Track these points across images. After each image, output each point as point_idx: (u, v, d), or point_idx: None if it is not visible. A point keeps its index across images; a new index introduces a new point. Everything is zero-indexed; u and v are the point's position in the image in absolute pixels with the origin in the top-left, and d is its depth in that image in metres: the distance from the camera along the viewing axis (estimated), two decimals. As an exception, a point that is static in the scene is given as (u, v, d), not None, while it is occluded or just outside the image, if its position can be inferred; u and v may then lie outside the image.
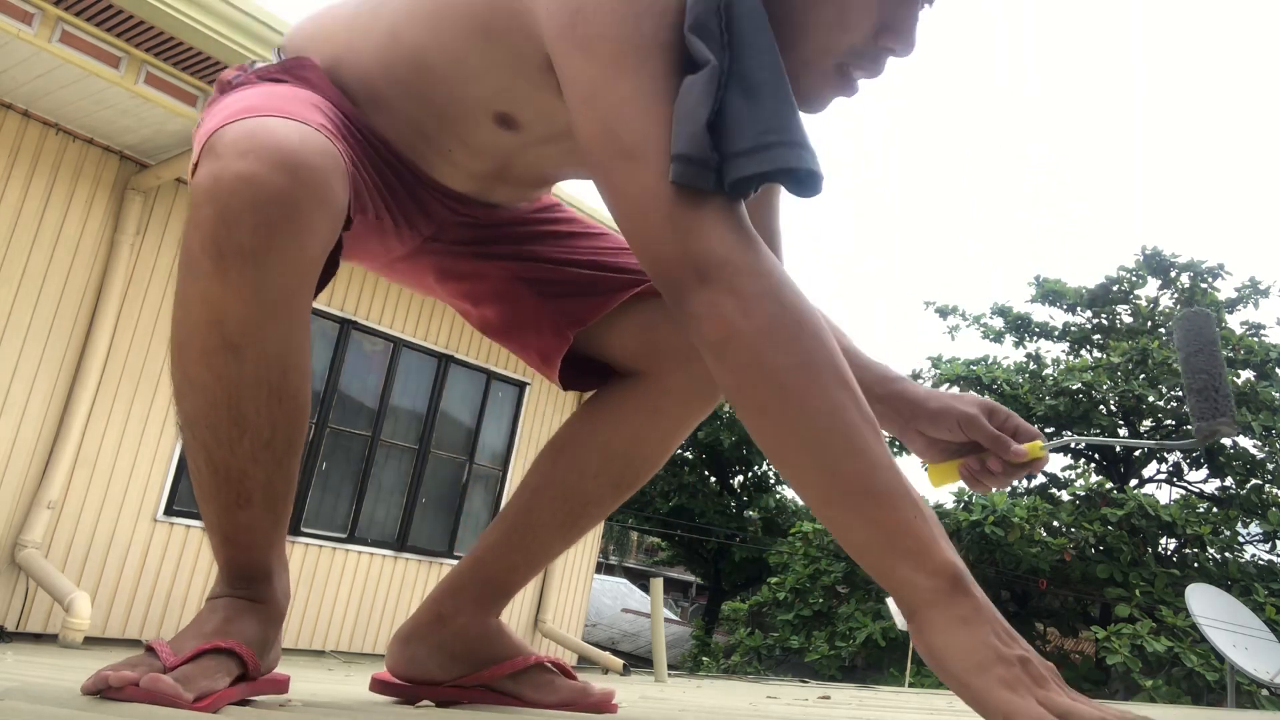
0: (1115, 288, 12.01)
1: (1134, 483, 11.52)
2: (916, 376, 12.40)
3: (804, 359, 0.70)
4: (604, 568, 18.44)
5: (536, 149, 0.97)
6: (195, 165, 0.76)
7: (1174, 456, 11.44)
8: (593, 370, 1.07)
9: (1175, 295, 11.82)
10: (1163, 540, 10.25)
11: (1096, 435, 11.37)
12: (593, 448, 1.06)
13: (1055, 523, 9.76)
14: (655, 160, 0.73)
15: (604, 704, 1.09)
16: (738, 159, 0.74)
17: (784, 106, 0.76)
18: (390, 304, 5.14)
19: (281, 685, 0.91)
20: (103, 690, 0.75)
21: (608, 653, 6.24)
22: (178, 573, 4.15)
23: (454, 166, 0.99)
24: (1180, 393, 10.67)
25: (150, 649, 0.80)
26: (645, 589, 11.99)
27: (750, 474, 15.07)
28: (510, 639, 1.10)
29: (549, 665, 1.11)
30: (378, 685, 1.13)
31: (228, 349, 0.76)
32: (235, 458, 0.80)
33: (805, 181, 0.76)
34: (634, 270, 1.05)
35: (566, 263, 1.07)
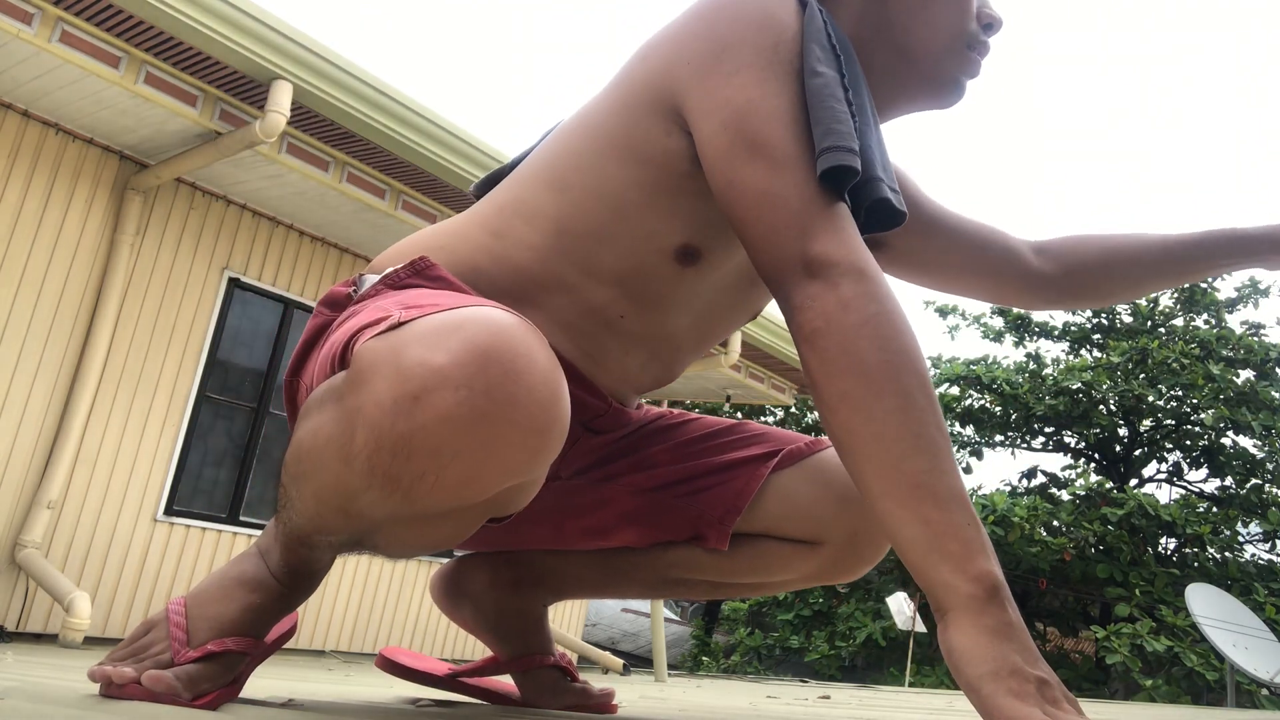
0: (1115, 287, 12.00)
1: (1134, 482, 11.52)
2: (916, 376, 12.39)
3: (892, 358, 0.72)
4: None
5: (715, 291, 0.94)
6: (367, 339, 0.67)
7: (1174, 456, 11.44)
8: None
9: (1175, 295, 11.82)
10: (1163, 540, 10.25)
11: (1097, 434, 11.37)
12: (713, 562, 1.05)
13: (1055, 522, 9.76)
14: (794, 164, 0.77)
15: (604, 704, 1.09)
16: (877, 183, 0.80)
17: (882, 147, 0.85)
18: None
19: (289, 633, 0.89)
20: (104, 686, 0.76)
21: (608, 653, 6.24)
22: (178, 573, 4.15)
23: (618, 340, 0.93)
24: (1180, 392, 10.67)
25: (167, 620, 0.79)
26: (645, 589, 11.95)
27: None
28: (545, 631, 1.11)
29: (562, 667, 1.11)
30: (384, 663, 1.12)
31: (341, 514, 0.72)
32: (314, 539, 0.79)
33: (888, 220, 0.83)
34: (770, 443, 1.04)
35: (694, 456, 1.04)
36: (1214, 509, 10.45)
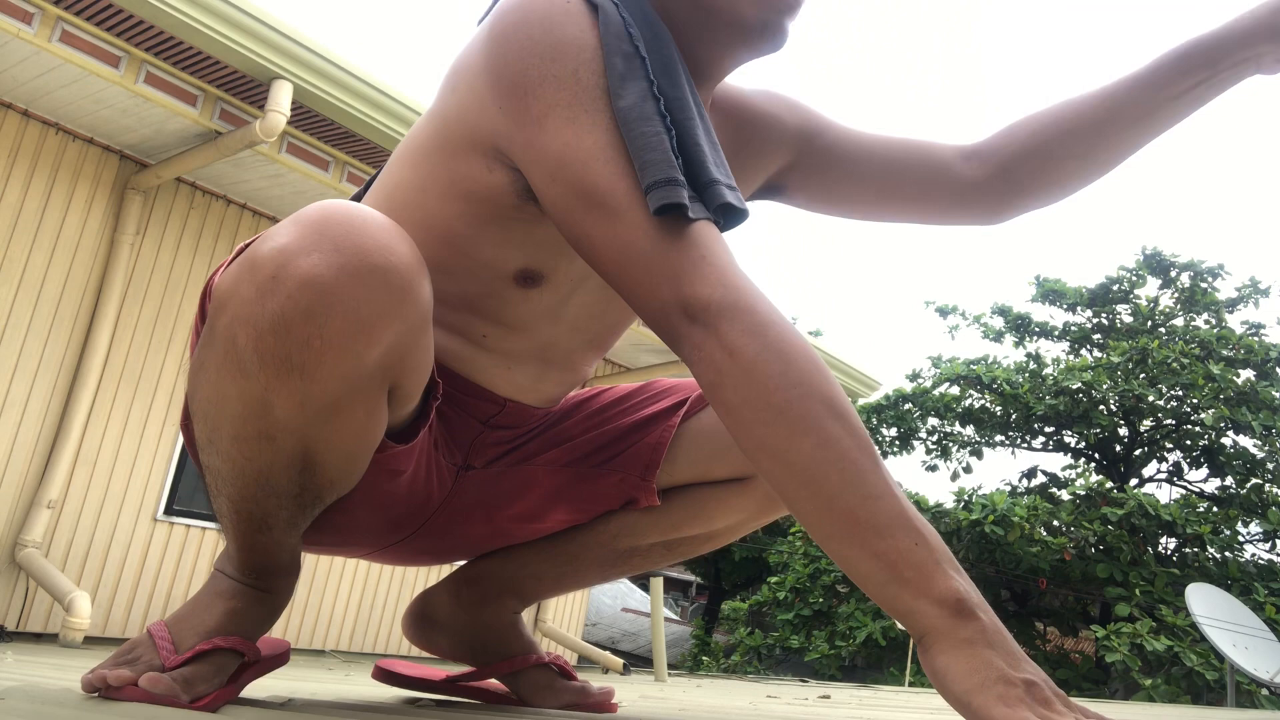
0: (1115, 287, 12.00)
1: (1134, 482, 11.52)
2: (916, 376, 12.40)
3: (792, 392, 0.69)
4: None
5: (581, 299, 0.92)
6: (244, 246, 0.72)
7: (1174, 455, 11.44)
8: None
9: (1175, 295, 11.82)
10: (1163, 540, 10.24)
11: (1098, 434, 11.37)
12: (653, 521, 1.05)
13: (1055, 522, 9.75)
14: (630, 209, 0.72)
15: (604, 704, 1.09)
16: (713, 186, 0.74)
17: (710, 138, 0.78)
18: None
19: (283, 657, 0.91)
20: (101, 689, 0.75)
21: (608, 652, 6.24)
22: (178, 572, 4.15)
23: (494, 357, 0.93)
24: (1180, 392, 10.67)
25: (150, 637, 0.80)
26: (645, 588, 11.99)
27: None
28: (523, 634, 1.10)
29: (552, 666, 1.11)
30: (380, 674, 1.13)
31: (263, 438, 0.73)
32: (259, 508, 0.79)
33: (733, 220, 0.77)
34: (679, 393, 1.04)
35: (606, 422, 1.04)
36: (1214, 509, 10.44)
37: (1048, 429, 12.03)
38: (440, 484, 0.97)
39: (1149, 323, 11.77)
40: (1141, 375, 10.76)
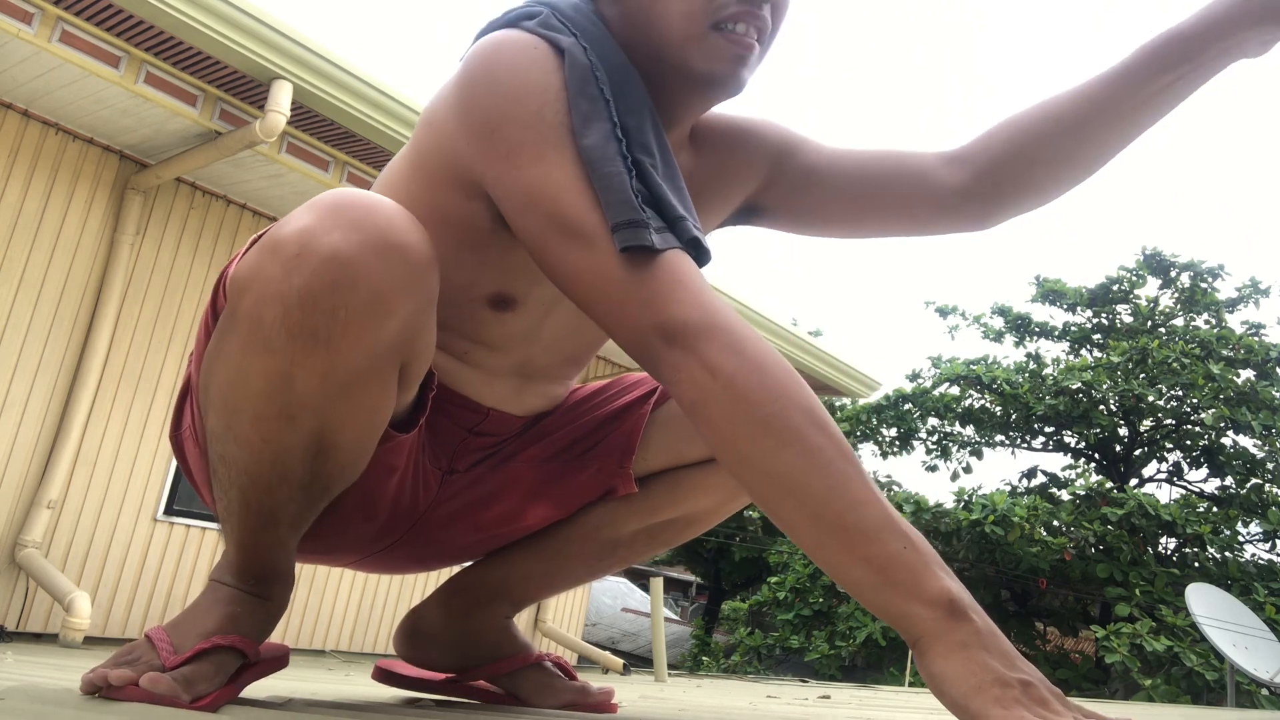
0: (1115, 287, 12.01)
1: (1134, 482, 11.52)
2: (916, 376, 12.40)
3: (773, 408, 0.70)
4: (604, 567, 18.37)
5: (549, 324, 0.95)
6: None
7: (1174, 455, 11.44)
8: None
9: (1175, 295, 11.82)
10: (1163, 540, 10.25)
11: (1098, 434, 11.37)
12: (634, 509, 1.05)
13: (1055, 522, 9.75)
14: (603, 238, 0.74)
15: (604, 704, 1.09)
16: (682, 222, 0.77)
17: (675, 178, 0.81)
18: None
19: (282, 660, 0.91)
20: (102, 688, 0.75)
21: (608, 652, 6.24)
22: (178, 572, 4.15)
23: (476, 371, 0.96)
24: (1180, 392, 10.67)
25: (149, 640, 0.80)
26: (645, 588, 11.99)
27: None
28: (516, 637, 1.10)
29: (550, 665, 1.11)
30: (380, 674, 1.13)
31: (283, 418, 0.75)
32: (270, 498, 0.80)
33: (702, 262, 0.79)
34: (649, 383, 1.06)
35: (581, 416, 1.05)
36: (1214, 509, 10.44)
37: (1048, 429, 12.03)
38: (425, 488, 0.99)
39: (1149, 323, 11.77)
40: (1141, 375, 10.76)
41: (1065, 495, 10.82)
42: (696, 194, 0.97)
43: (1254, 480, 10.63)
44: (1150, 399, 10.81)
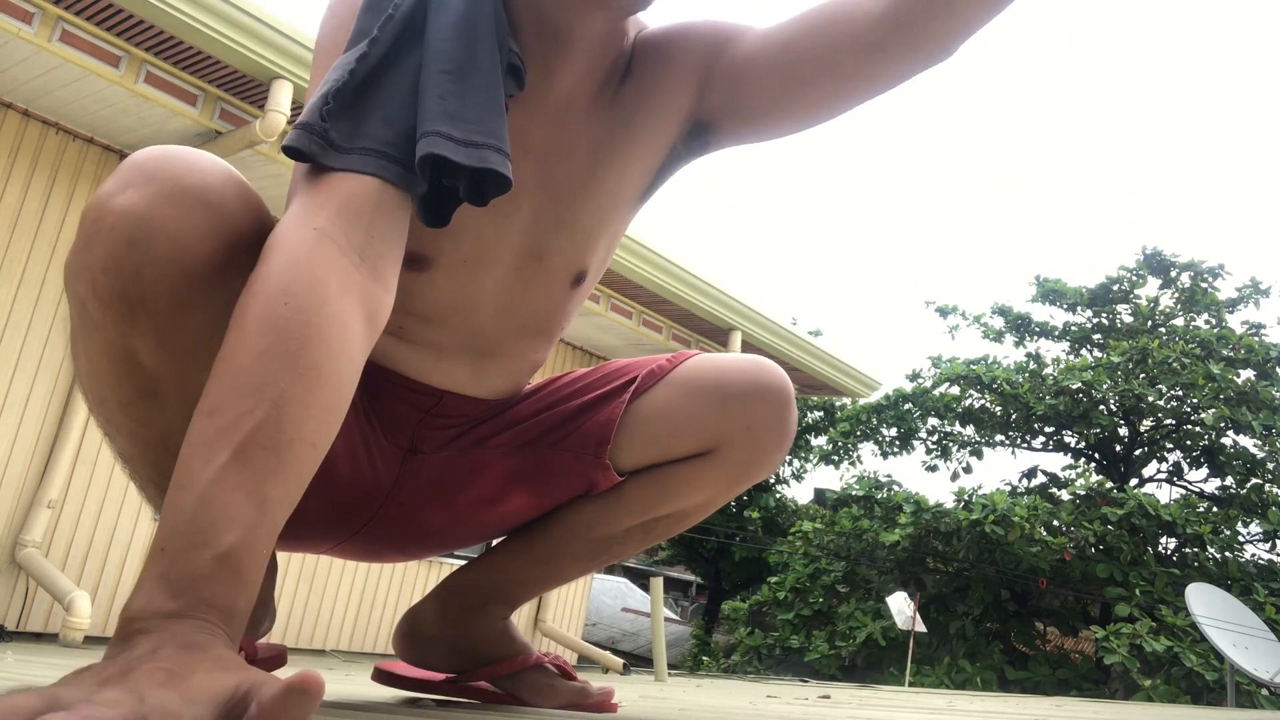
0: (1115, 287, 12.01)
1: (1134, 482, 11.52)
2: (916, 376, 12.40)
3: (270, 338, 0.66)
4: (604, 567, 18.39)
5: (483, 287, 0.90)
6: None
7: (1174, 455, 11.44)
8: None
9: (1175, 295, 11.82)
10: (1163, 540, 10.25)
11: (1098, 434, 11.37)
12: (624, 504, 1.03)
13: (1055, 522, 9.75)
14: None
15: (604, 704, 1.09)
16: (428, 136, 0.71)
17: (490, 105, 0.75)
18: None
19: (280, 659, 0.91)
20: None
21: (608, 652, 6.24)
22: (178, 572, 4.15)
23: (419, 349, 0.92)
24: (1180, 392, 10.67)
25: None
26: (645, 588, 11.99)
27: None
28: (515, 638, 1.10)
29: (549, 666, 1.10)
30: (380, 676, 1.13)
31: (148, 396, 0.72)
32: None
33: (486, 189, 0.75)
34: (630, 371, 1.03)
35: (557, 404, 1.02)
36: (1214, 509, 10.44)
37: (1048, 429, 12.03)
38: (386, 467, 0.97)
39: (1149, 323, 11.77)
40: (1141, 375, 10.76)
41: (1065, 495, 10.82)
42: (633, 119, 0.90)
43: (1254, 480, 10.63)
44: (1150, 399, 10.81)
